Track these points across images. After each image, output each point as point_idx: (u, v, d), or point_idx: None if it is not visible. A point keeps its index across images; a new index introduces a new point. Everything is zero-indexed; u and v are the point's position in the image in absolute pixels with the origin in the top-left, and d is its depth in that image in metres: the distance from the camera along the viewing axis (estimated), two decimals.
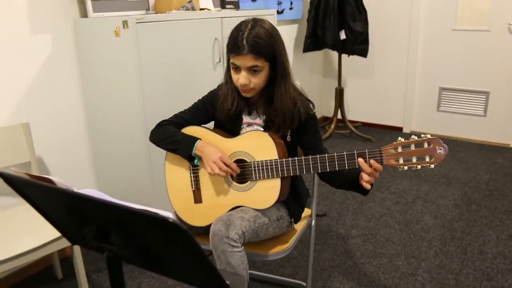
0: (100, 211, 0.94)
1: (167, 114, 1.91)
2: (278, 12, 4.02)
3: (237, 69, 1.57)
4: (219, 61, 2.66)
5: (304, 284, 2.20)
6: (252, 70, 1.55)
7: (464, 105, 4.44)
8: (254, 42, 1.50)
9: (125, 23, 2.13)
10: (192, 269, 0.95)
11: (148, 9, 2.63)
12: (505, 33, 4.04)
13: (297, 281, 2.27)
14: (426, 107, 4.65)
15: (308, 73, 4.79)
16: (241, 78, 1.55)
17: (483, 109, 4.34)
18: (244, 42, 1.50)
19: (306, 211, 1.93)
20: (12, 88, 2.20)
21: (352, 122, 4.87)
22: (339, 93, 4.59)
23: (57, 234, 1.84)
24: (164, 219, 0.78)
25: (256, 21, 1.56)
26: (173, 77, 2.39)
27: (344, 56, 4.47)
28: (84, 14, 2.42)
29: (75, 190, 0.95)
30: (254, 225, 1.56)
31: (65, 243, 1.87)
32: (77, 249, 1.93)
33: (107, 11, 2.41)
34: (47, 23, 2.28)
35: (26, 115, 2.27)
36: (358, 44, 4.18)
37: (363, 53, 4.21)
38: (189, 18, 2.43)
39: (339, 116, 4.66)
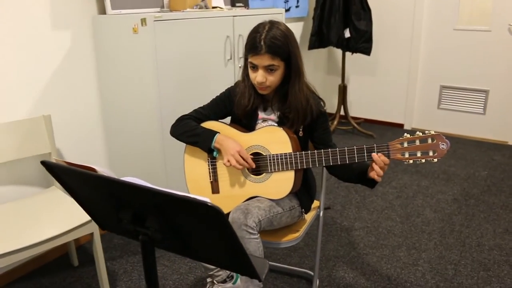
0: (140, 197, 1.04)
1: (182, 109, 2.03)
2: (285, 10, 4.11)
3: (255, 68, 1.67)
4: (230, 58, 2.76)
5: (311, 273, 2.32)
6: (269, 69, 1.65)
7: (464, 103, 4.54)
8: (271, 43, 1.61)
9: (143, 21, 2.22)
10: (224, 252, 1.06)
11: (162, 7, 2.73)
12: (505, 33, 4.14)
13: (304, 269, 2.38)
14: (427, 104, 4.75)
15: (313, 70, 4.89)
16: (258, 76, 1.66)
17: (482, 107, 4.45)
18: (262, 42, 1.61)
19: (315, 203, 2.04)
20: (33, 82, 2.29)
21: (354, 118, 4.97)
22: (342, 90, 4.69)
23: (76, 223, 1.94)
24: (204, 203, 0.89)
25: (272, 23, 1.66)
26: (187, 72, 2.49)
27: (347, 53, 4.56)
28: (101, 11, 2.52)
29: (116, 177, 1.05)
30: (269, 214, 1.67)
31: (83, 231, 1.97)
32: (97, 236, 2.03)
33: (124, 8, 2.51)
34: (66, 20, 2.38)
35: (46, 108, 2.37)
36: (362, 43, 4.27)
37: (367, 51, 4.31)
38: (203, 16, 2.52)
39: (342, 112, 4.77)
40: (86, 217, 1.98)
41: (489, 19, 4.19)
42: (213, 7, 2.83)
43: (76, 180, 1.19)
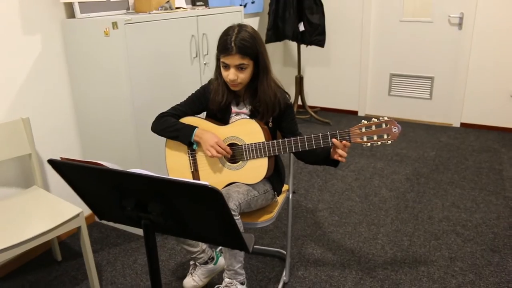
0: (143, 184, 1.20)
1: (153, 104, 2.18)
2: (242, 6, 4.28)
3: (227, 67, 1.84)
4: (196, 56, 2.92)
5: (283, 251, 2.53)
6: (239, 68, 1.83)
7: (412, 89, 4.87)
8: (240, 44, 1.79)
9: (114, 24, 2.35)
10: (219, 230, 1.24)
11: (128, 9, 2.84)
12: (446, 24, 4.48)
13: (276, 249, 2.59)
14: (378, 92, 5.06)
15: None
16: (230, 75, 1.83)
17: (429, 93, 4.79)
18: (232, 44, 1.79)
19: (284, 187, 2.25)
20: (7, 85, 2.37)
21: (311, 107, 5.23)
22: (299, 81, 4.92)
23: (62, 219, 2.05)
24: (205, 186, 1.06)
25: (241, 26, 1.84)
26: (156, 70, 2.63)
27: (302, 46, 4.79)
28: (70, 15, 2.61)
29: (121, 169, 1.21)
30: (247, 197, 1.86)
31: (69, 226, 2.09)
32: (84, 230, 2.16)
33: (92, 12, 2.61)
34: (36, 24, 2.45)
35: (22, 111, 2.45)
36: (316, 35, 4.50)
37: (321, 43, 4.54)
38: (169, 18, 2.66)
39: (300, 102, 5.00)
40: (71, 213, 2.10)
41: (430, 11, 4.51)
42: (177, 8, 2.97)
43: (82, 175, 1.33)
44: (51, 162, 1.32)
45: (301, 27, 4.50)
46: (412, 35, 4.68)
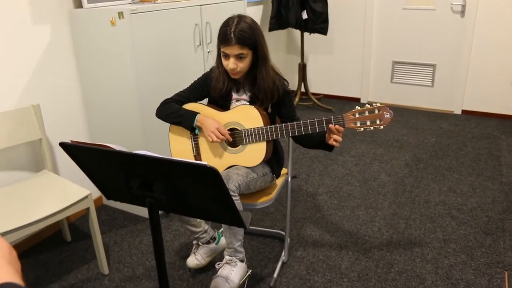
0: (148, 165, 1.30)
1: (158, 91, 2.27)
2: None
3: (227, 56, 1.93)
4: (200, 44, 3.00)
5: (283, 232, 2.63)
6: (239, 57, 1.92)
7: (414, 76, 4.93)
8: (239, 35, 1.87)
9: (120, 14, 2.43)
10: (217, 207, 1.34)
11: None
12: (448, 12, 4.52)
13: (276, 230, 2.70)
14: (380, 79, 5.13)
15: (273, 50, 5.16)
16: (230, 64, 1.92)
17: (431, 80, 4.85)
18: (232, 35, 1.87)
19: (283, 170, 2.34)
20: (18, 74, 2.47)
21: (314, 94, 5.30)
22: (302, 68, 4.99)
23: (71, 200, 2.16)
24: (204, 165, 1.16)
25: (240, 17, 1.92)
26: (161, 58, 2.72)
27: (306, 34, 4.85)
28: (77, 5, 2.69)
29: (128, 151, 1.31)
30: (247, 179, 1.96)
31: (78, 207, 2.20)
32: (93, 211, 2.27)
33: (99, 2, 2.69)
34: (44, 14, 2.54)
35: (32, 98, 2.55)
36: (319, 23, 4.56)
37: (324, 31, 4.60)
38: (174, 7, 2.75)
39: (303, 89, 5.08)
40: (80, 195, 2.21)
41: None
42: None
43: (91, 157, 1.44)
44: (62, 145, 1.42)
45: (304, 15, 4.55)
46: (414, 22, 4.72)
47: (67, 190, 2.27)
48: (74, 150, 1.43)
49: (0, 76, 2.38)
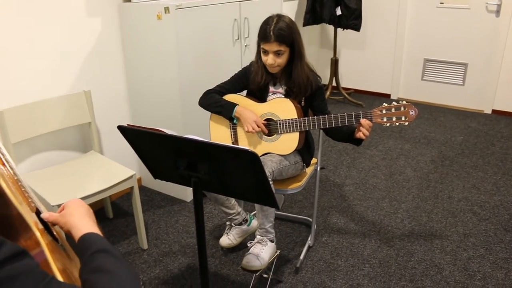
0: (195, 148, 1.48)
1: (197, 82, 2.44)
2: None
3: (266, 52, 2.10)
4: (238, 38, 3.17)
5: (310, 219, 2.79)
6: (277, 53, 2.08)
7: (445, 75, 4.98)
8: (278, 33, 2.04)
9: (167, 9, 2.62)
10: (254, 188, 1.51)
11: None
12: (483, 11, 4.55)
13: (304, 217, 2.86)
14: (411, 76, 5.19)
15: (307, 45, 5.23)
16: (269, 59, 2.09)
17: (462, 79, 4.89)
18: (271, 33, 2.03)
19: (313, 160, 2.50)
20: (72, 62, 2.69)
21: (345, 89, 5.41)
22: (334, 63, 5.10)
23: (118, 179, 2.37)
24: (245, 150, 1.33)
25: (279, 17, 2.08)
26: (201, 51, 2.90)
27: (339, 29, 4.96)
28: None
29: (178, 135, 1.49)
30: (280, 166, 2.13)
31: (124, 186, 2.40)
32: (136, 189, 2.47)
33: None
34: (97, 8, 2.75)
35: (82, 84, 2.77)
36: (352, 20, 4.67)
37: (357, 27, 4.70)
38: (215, 3, 2.91)
39: (334, 83, 5.20)
40: (125, 174, 2.42)
41: None
42: None
43: (144, 139, 1.62)
44: (120, 128, 1.61)
45: (338, 11, 4.66)
46: (448, 21, 4.77)
47: (114, 170, 2.49)
48: (130, 132, 1.62)
49: (56, 64, 2.60)
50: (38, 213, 1.07)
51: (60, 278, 0.84)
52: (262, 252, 2.12)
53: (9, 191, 0.91)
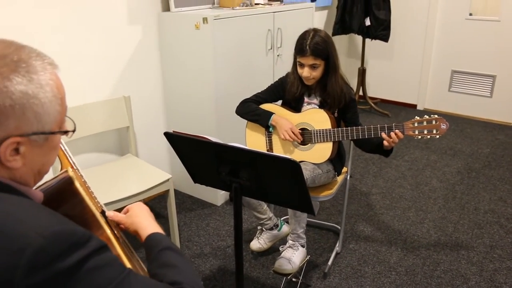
0: (238, 155, 1.57)
1: (232, 91, 2.54)
2: (312, 0, 4.56)
3: (302, 65, 2.19)
4: (271, 48, 3.26)
5: (338, 226, 2.86)
6: (312, 66, 2.17)
7: (473, 86, 4.99)
8: (314, 47, 2.12)
9: (205, 19, 2.73)
10: (293, 195, 1.59)
11: (213, 4, 3.22)
12: None
13: (332, 224, 2.93)
14: (438, 87, 5.22)
15: None
16: (304, 72, 2.18)
17: (489, 91, 4.89)
18: (307, 47, 2.12)
19: (344, 169, 2.57)
20: (113, 68, 2.82)
21: (372, 98, 5.46)
22: (362, 73, 5.16)
23: (155, 182, 2.47)
24: (287, 159, 1.42)
25: (316, 31, 2.17)
26: (236, 61, 3.00)
27: (367, 39, 5.02)
28: (165, 8, 3.02)
29: (222, 142, 1.59)
30: (313, 174, 2.22)
31: (160, 189, 2.51)
32: (171, 192, 2.58)
33: (184, 6, 3.00)
34: (138, 16, 2.88)
35: (121, 90, 2.90)
36: (381, 30, 4.72)
37: (385, 38, 4.76)
38: (250, 14, 3.02)
39: (361, 93, 5.25)
40: (162, 178, 2.53)
41: (499, 10, 4.60)
42: (256, 4, 3.31)
43: (189, 146, 1.72)
44: (167, 134, 1.72)
45: (367, 22, 4.72)
46: (477, 33, 4.78)
47: (150, 173, 2.60)
48: (176, 139, 1.72)
49: (98, 70, 2.73)
50: (102, 212, 1.17)
51: None
52: (294, 256, 2.20)
53: (83, 192, 1.02)
